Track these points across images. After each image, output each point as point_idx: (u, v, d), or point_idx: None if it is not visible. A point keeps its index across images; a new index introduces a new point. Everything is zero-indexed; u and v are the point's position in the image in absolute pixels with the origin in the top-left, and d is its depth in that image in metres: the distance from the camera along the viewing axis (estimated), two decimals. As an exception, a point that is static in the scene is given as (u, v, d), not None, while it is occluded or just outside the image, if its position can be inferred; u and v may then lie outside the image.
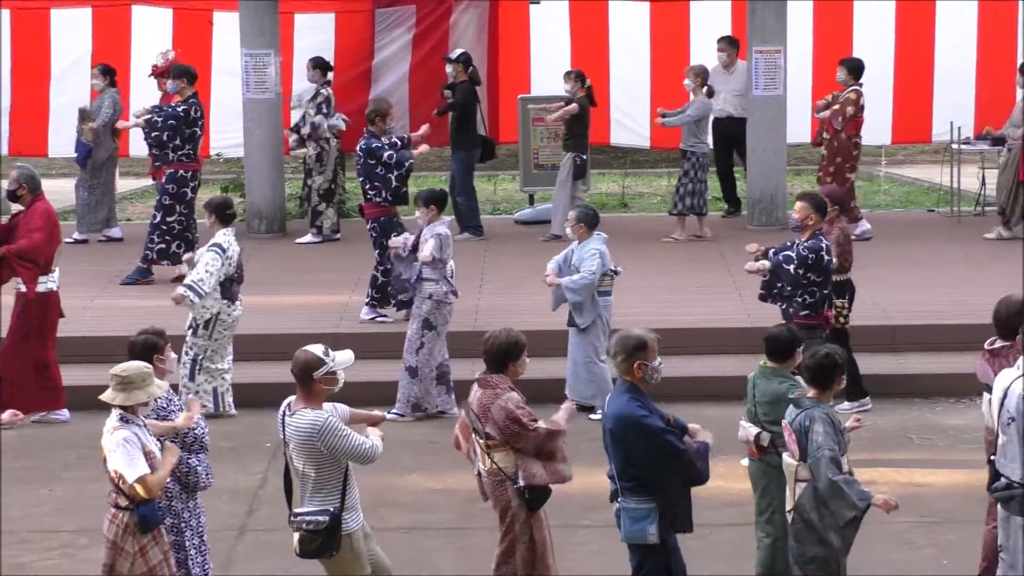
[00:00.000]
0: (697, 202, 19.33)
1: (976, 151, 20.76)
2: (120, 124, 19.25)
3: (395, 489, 12.18)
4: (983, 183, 20.95)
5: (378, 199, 15.53)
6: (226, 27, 21.00)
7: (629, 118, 21.70)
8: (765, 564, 9.73)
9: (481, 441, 9.49)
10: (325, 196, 19.72)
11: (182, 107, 17.51)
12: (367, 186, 15.62)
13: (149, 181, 22.82)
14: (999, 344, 9.71)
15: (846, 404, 13.63)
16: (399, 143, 15.79)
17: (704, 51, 20.87)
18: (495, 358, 9.47)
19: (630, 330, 9.10)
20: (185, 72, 17.81)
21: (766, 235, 18.80)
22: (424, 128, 17.00)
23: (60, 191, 20.67)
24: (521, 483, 9.42)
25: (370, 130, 15.82)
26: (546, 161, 20.92)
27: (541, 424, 9.36)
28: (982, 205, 20.89)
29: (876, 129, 21.59)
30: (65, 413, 14.01)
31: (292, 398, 9.07)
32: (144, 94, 19.70)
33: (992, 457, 8.90)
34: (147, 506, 8.88)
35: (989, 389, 9.39)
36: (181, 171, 17.48)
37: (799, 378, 9.48)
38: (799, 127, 20.94)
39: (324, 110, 19.54)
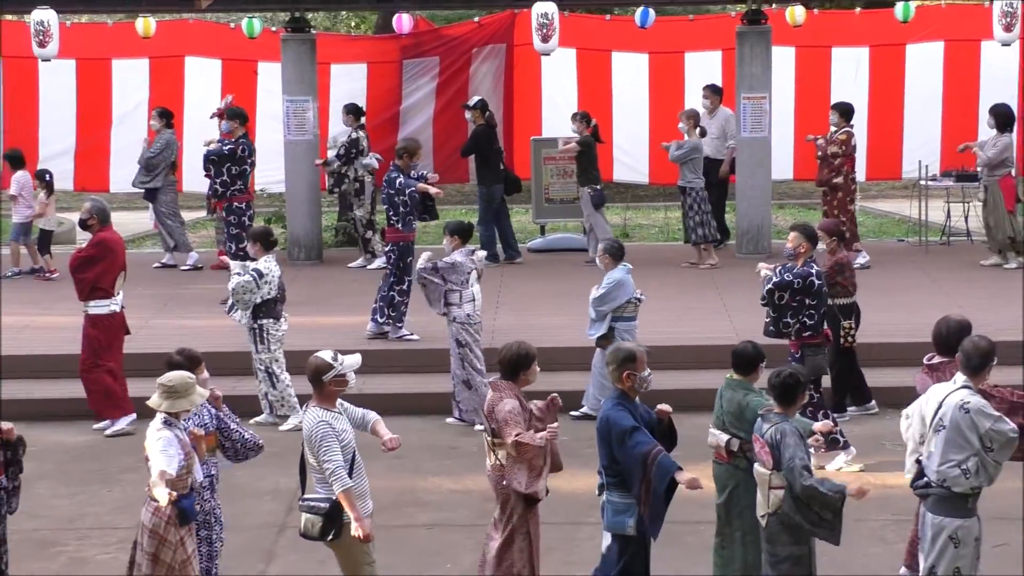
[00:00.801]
0: (707, 231, 19.29)
1: (942, 187, 20.72)
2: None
3: (420, 490, 12.15)
4: (948, 215, 20.91)
5: (399, 225, 15.51)
6: (269, 76, 21.04)
7: (630, 156, 21.69)
8: (741, 558, 9.66)
9: (488, 439, 9.51)
10: (368, 225, 19.80)
11: (229, 146, 17.54)
12: (390, 212, 15.61)
13: (202, 213, 22.93)
14: (937, 360, 9.83)
15: (852, 408, 13.81)
16: (417, 177, 15.77)
17: (697, 97, 20.86)
18: (508, 367, 9.49)
19: (621, 343, 9.15)
20: (238, 114, 17.98)
21: (754, 263, 18.81)
22: (434, 176, 16.98)
23: (119, 222, 20.63)
24: (503, 482, 9.40)
25: (396, 164, 15.79)
26: (556, 196, 20.93)
27: (523, 436, 9.24)
28: (947, 235, 20.84)
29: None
30: (129, 418, 13.96)
31: (311, 399, 9.17)
32: (196, 135, 19.74)
33: (919, 458, 8.96)
34: (187, 500, 8.89)
35: None
36: (236, 203, 17.51)
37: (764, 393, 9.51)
38: (782, 165, 20.96)
39: (341, 152, 19.53)
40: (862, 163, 21.30)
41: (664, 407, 9.33)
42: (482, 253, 14.62)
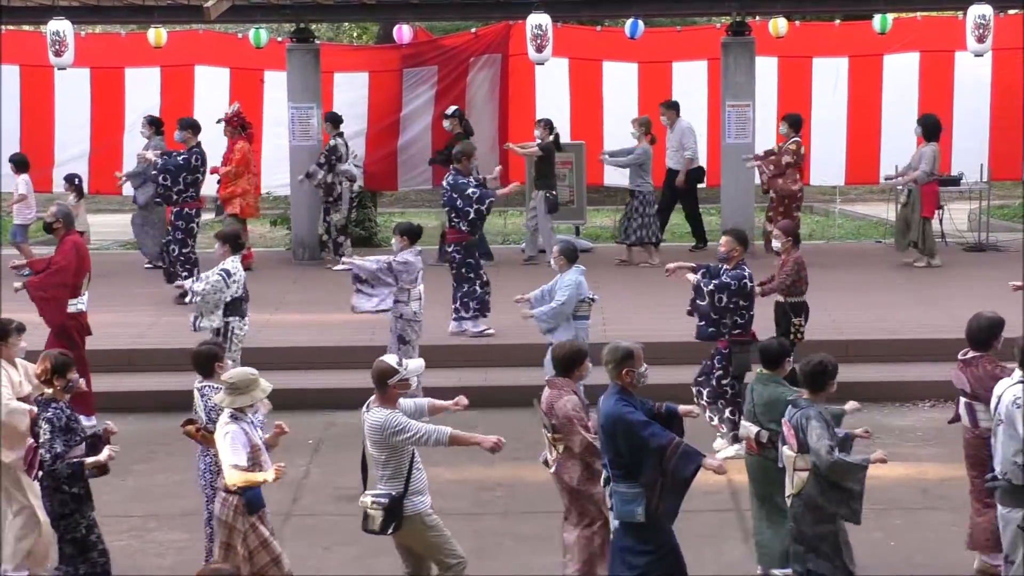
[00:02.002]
0: (647, 233, 19.40)
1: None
2: (121, 174, 19.29)
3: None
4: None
5: (463, 227, 15.52)
6: (275, 84, 21.05)
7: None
8: (777, 544, 9.78)
9: (549, 434, 9.53)
10: (342, 231, 19.76)
11: (183, 156, 17.51)
12: (452, 215, 15.56)
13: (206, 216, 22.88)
14: (971, 355, 9.90)
15: None
16: (478, 181, 15.80)
17: (685, 105, 20.91)
18: (562, 364, 9.57)
19: (619, 342, 9.15)
20: (191, 125, 17.82)
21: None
22: (497, 169, 17.01)
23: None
24: (553, 471, 9.47)
25: (456, 168, 15.74)
26: (549, 199, 20.96)
27: (589, 435, 9.35)
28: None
29: (831, 171, 21.65)
30: (92, 419, 13.94)
31: (372, 398, 9.12)
32: (205, 141, 19.72)
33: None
34: (253, 490, 8.98)
35: (964, 393, 9.83)
36: (186, 209, 17.49)
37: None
38: (766, 170, 20.95)
39: (321, 160, 19.51)
40: (841, 168, 21.39)
41: (686, 408, 9.37)
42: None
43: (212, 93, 21.35)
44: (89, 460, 9.34)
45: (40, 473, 9.44)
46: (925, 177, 18.72)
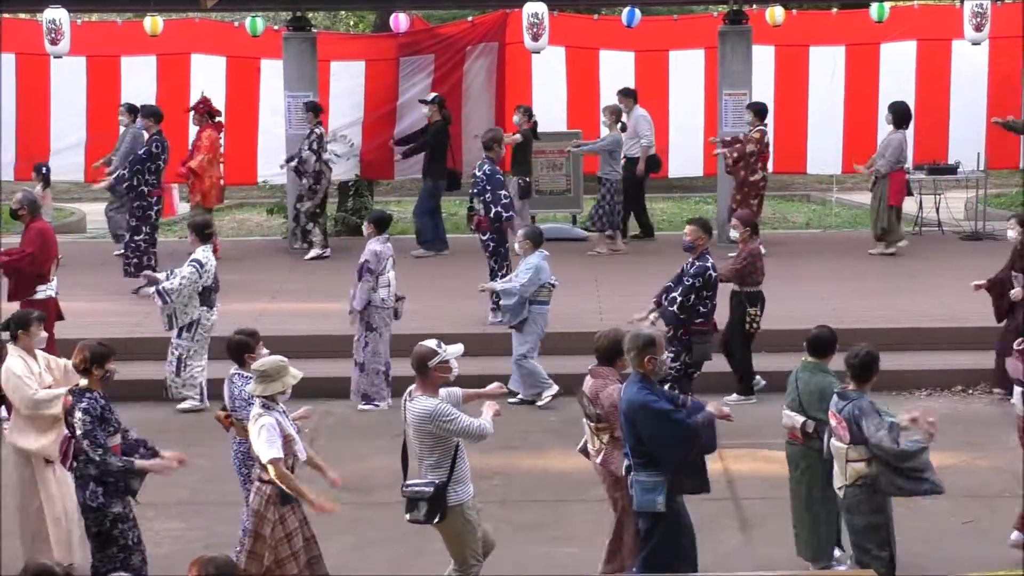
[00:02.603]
0: (613, 220, 19.38)
1: (915, 179, 20.75)
2: (101, 184, 19.25)
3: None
4: (920, 207, 20.94)
5: (494, 213, 15.47)
6: (271, 72, 20.99)
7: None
8: (818, 531, 9.86)
9: (592, 424, 9.51)
10: (312, 218, 19.67)
11: (144, 148, 17.46)
12: (488, 201, 15.46)
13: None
14: None
15: (734, 396, 13.65)
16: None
17: (682, 93, 20.88)
18: (605, 353, 9.54)
19: (641, 329, 9.29)
20: (152, 113, 17.81)
21: (729, 251, 18.87)
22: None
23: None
24: (597, 461, 9.46)
25: (489, 156, 15.73)
26: (546, 188, 20.95)
27: None
28: (919, 226, 20.87)
29: (828, 160, 21.61)
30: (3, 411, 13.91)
31: (413, 386, 9.05)
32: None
33: None
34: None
35: (1019, 382, 9.92)
36: (147, 198, 17.41)
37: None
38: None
39: (315, 147, 19.48)
40: (838, 156, 21.35)
41: (711, 407, 9.31)
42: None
43: (208, 81, 21.28)
44: (150, 464, 9.33)
45: (74, 463, 9.45)
46: (887, 167, 18.68)
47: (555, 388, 13.96)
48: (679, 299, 12.57)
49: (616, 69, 21.51)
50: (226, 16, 24.64)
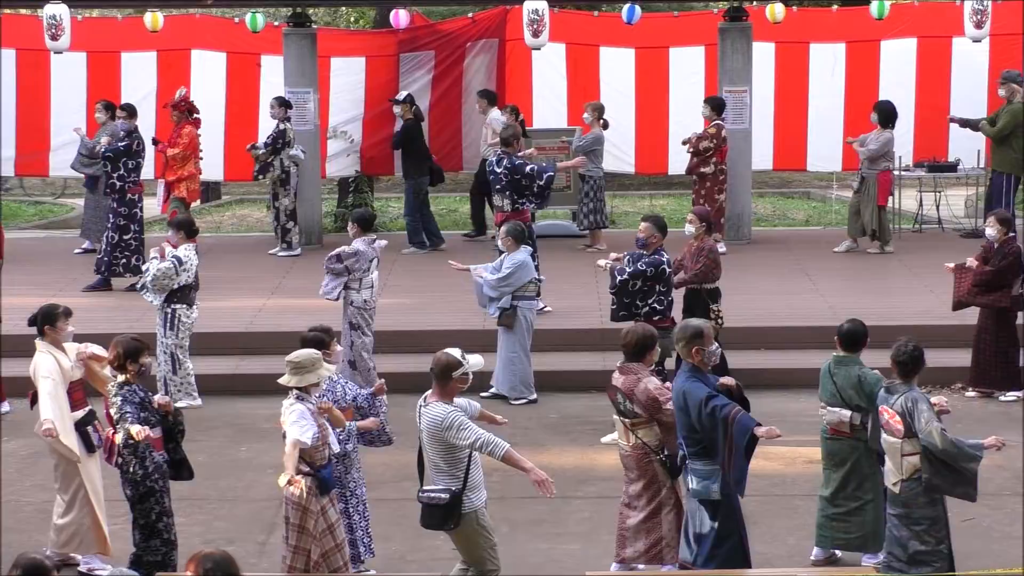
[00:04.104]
0: (599, 218, 19.40)
1: (915, 177, 20.75)
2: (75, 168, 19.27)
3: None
4: (920, 204, 20.93)
5: (527, 206, 15.56)
6: (272, 69, 20.97)
7: (616, 148, 21.60)
8: (865, 524, 9.92)
9: (626, 420, 9.50)
10: (291, 216, 19.61)
11: (124, 142, 17.45)
12: (515, 197, 15.50)
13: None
14: None
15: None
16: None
17: (682, 90, 20.85)
18: (634, 349, 9.58)
19: (689, 320, 9.41)
20: (128, 108, 17.91)
21: (734, 247, 18.85)
22: (531, 151, 17.25)
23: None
24: (667, 452, 9.47)
25: (505, 150, 15.75)
26: (546, 184, 20.90)
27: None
28: (919, 223, 20.86)
29: (828, 157, 21.58)
30: (5, 406, 13.91)
31: (428, 392, 9.02)
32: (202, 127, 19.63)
33: None
34: (326, 469, 9.08)
35: None
36: (130, 195, 17.43)
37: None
38: (763, 155, 20.93)
39: (279, 143, 19.38)
40: (839, 154, 21.31)
41: (727, 380, 9.43)
42: (383, 242, 14.35)
43: (208, 78, 21.28)
44: (131, 429, 9.36)
45: (119, 460, 9.52)
46: (868, 155, 18.69)
47: (534, 396, 13.98)
48: (627, 278, 12.64)
49: (616, 66, 21.50)
50: (226, 12, 24.59)
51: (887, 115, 18.87)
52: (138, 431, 9.30)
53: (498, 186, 15.66)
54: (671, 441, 9.44)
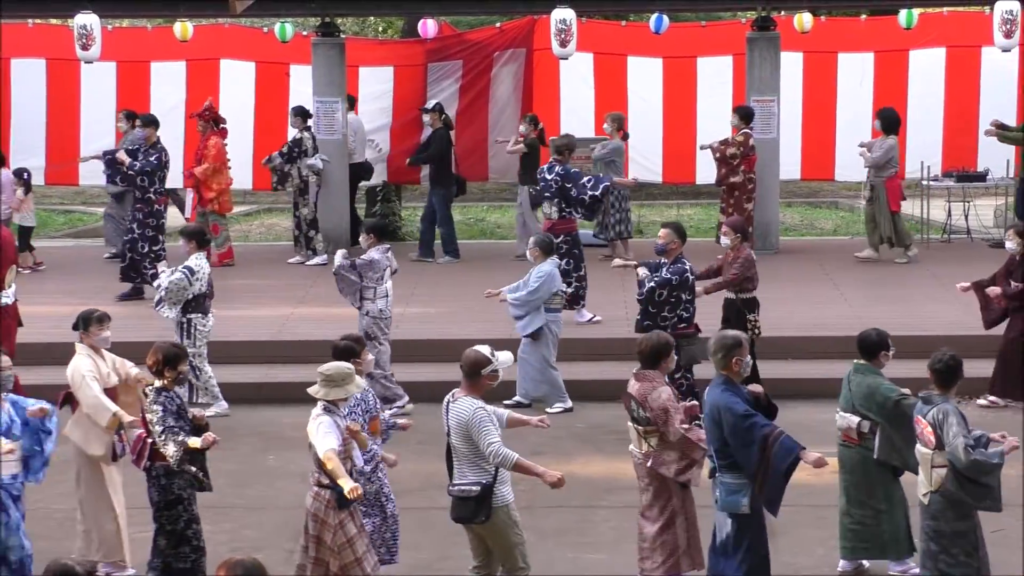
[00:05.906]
0: (625, 228, 19.37)
1: (943, 187, 20.67)
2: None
3: (445, 474, 12.12)
4: (949, 214, 20.85)
5: (576, 215, 15.67)
6: (300, 78, 21.05)
7: (644, 157, 21.63)
8: (882, 534, 9.90)
9: (640, 427, 9.49)
10: (312, 224, 19.65)
11: (155, 156, 17.51)
12: (562, 206, 15.57)
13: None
14: None
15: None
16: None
17: (709, 99, 20.81)
18: (649, 356, 9.54)
19: (726, 332, 9.35)
20: (152, 121, 17.96)
21: (762, 257, 18.80)
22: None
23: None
24: (649, 464, 9.42)
25: (558, 159, 15.83)
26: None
27: (692, 433, 9.31)
28: (948, 233, 20.78)
29: (856, 167, 21.50)
30: None
31: (456, 389, 9.07)
32: (231, 134, 19.69)
33: None
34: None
35: None
36: (156, 206, 17.56)
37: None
38: (790, 165, 20.89)
39: (294, 152, 19.40)
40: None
41: (754, 387, 9.38)
42: (385, 246, 14.20)
43: (237, 87, 21.37)
44: (189, 441, 9.42)
45: (149, 464, 9.55)
46: (873, 163, 18.64)
47: (569, 404, 13.95)
48: (653, 286, 12.62)
49: (644, 75, 21.50)
50: (255, 22, 24.68)
51: (890, 122, 18.84)
52: (206, 438, 9.42)
53: (547, 193, 15.70)
54: (666, 459, 9.34)
